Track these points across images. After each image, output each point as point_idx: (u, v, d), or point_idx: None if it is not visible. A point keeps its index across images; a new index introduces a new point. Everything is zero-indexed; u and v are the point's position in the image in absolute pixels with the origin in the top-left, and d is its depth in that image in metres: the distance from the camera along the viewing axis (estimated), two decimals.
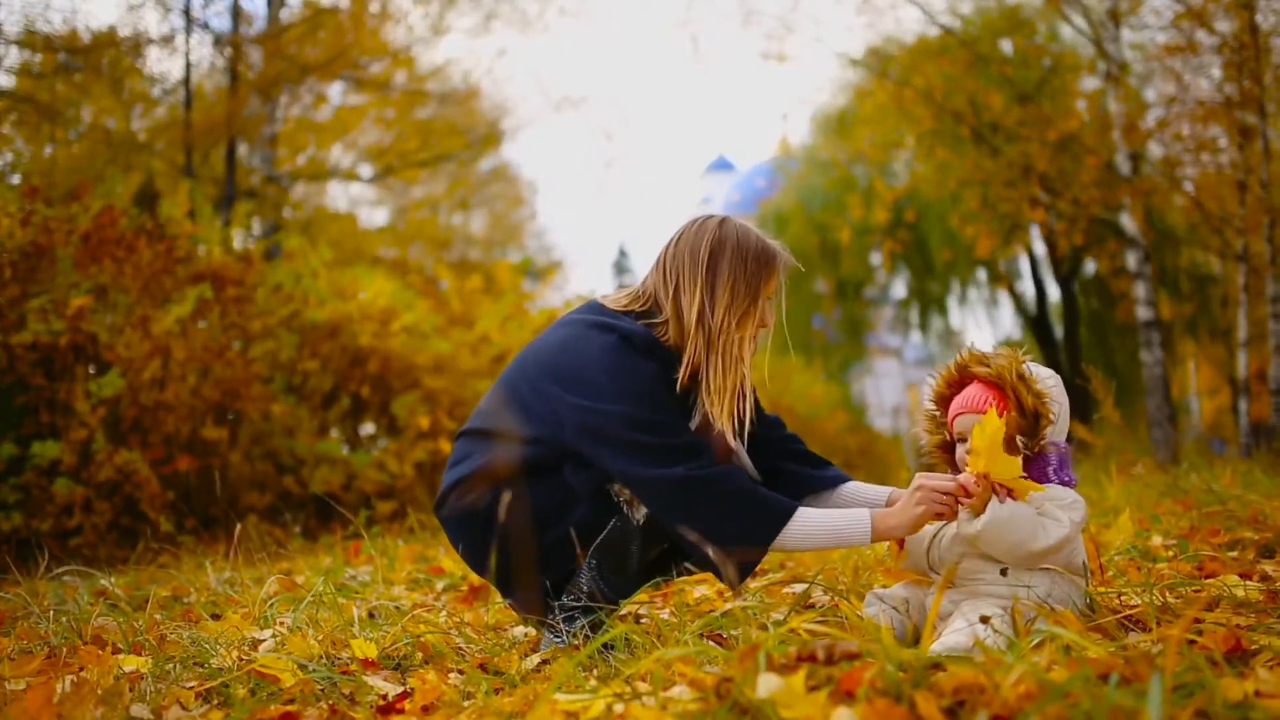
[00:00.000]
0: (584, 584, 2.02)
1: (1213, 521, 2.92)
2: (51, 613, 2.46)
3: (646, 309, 2.09)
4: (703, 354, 2.02)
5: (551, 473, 2.01)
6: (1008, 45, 12.54)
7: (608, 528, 2.00)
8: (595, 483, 1.99)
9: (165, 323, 5.16)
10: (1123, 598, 1.92)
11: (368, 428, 7.06)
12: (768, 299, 2.08)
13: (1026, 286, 17.34)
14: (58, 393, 4.84)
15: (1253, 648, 1.49)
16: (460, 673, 1.87)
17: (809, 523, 1.90)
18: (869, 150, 11.73)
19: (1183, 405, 17.64)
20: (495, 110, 14.44)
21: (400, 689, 1.73)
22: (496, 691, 1.71)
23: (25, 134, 9.16)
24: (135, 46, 9.32)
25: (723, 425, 2.00)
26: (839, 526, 1.90)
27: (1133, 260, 8.12)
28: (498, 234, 17.96)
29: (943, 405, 1.96)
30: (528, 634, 2.24)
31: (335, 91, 12.96)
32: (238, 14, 10.76)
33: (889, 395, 28.27)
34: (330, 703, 1.66)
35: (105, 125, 10.32)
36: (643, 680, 1.46)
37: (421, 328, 7.06)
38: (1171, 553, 2.53)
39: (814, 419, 13.97)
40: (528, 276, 13.38)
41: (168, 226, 5.60)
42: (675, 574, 2.18)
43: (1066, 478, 1.88)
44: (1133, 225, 8.04)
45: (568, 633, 2.03)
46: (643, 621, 2.26)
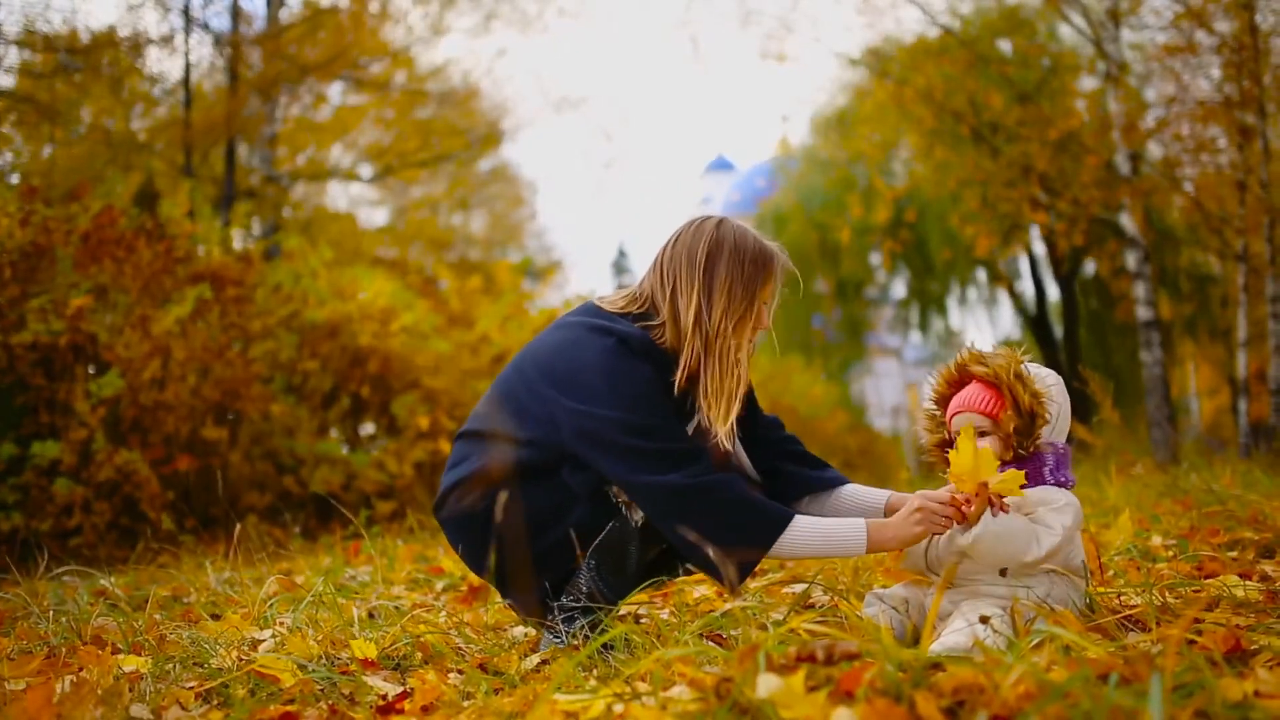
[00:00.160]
0: (583, 585, 2.02)
1: (1212, 522, 2.92)
2: (51, 613, 2.46)
3: (644, 311, 2.07)
4: (700, 357, 2.01)
5: (549, 474, 2.01)
6: (1007, 45, 12.54)
7: (606, 529, 2.00)
8: (593, 484, 1.99)
9: (165, 323, 5.16)
10: (1122, 598, 1.92)
11: (367, 428, 7.06)
12: (765, 302, 2.06)
13: (1026, 286, 17.36)
14: (57, 393, 4.84)
15: (1252, 648, 1.49)
16: (460, 673, 1.87)
17: (805, 531, 1.89)
18: (869, 150, 11.73)
19: (1182, 405, 17.65)
20: (495, 110, 14.45)
21: (400, 689, 1.73)
22: (496, 692, 1.71)
23: (25, 134, 9.15)
24: (135, 46, 9.32)
25: (720, 428, 1.99)
26: (834, 536, 1.89)
27: (1132, 260, 8.12)
28: (497, 234, 17.95)
29: (943, 405, 1.96)
30: (527, 634, 2.24)
31: (335, 91, 12.98)
32: (237, 14, 10.77)
33: (889, 395, 28.24)
34: (330, 703, 1.66)
35: (105, 125, 10.31)
36: (642, 680, 1.46)
37: (421, 328, 7.06)
38: (1171, 553, 2.53)
39: (814, 419, 13.96)
40: (527, 276, 13.41)
41: (167, 226, 5.60)
42: (681, 573, 2.18)
43: (1063, 478, 1.88)
44: (1132, 225, 8.04)
45: (567, 633, 2.02)
46: (642, 622, 2.26)
